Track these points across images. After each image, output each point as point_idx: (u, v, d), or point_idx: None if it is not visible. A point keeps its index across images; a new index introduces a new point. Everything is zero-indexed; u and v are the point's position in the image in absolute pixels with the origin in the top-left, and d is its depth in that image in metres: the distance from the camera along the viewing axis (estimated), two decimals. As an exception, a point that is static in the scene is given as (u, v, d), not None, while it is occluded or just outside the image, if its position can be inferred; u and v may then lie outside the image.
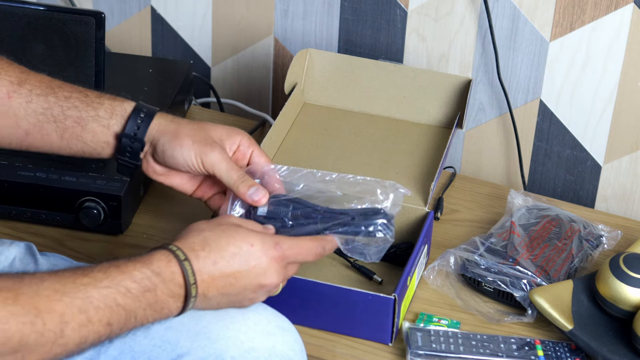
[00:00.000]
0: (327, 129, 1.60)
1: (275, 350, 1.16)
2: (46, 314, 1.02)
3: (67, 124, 1.26)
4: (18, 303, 1.01)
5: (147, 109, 1.27)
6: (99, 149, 1.28)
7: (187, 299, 1.10)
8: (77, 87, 1.28)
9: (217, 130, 1.27)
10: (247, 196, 1.23)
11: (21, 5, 1.56)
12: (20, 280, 1.03)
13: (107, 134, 1.27)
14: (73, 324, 1.04)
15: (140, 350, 1.14)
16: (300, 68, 1.62)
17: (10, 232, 1.49)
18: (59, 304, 1.03)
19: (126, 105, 1.27)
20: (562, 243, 1.48)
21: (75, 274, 1.06)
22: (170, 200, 1.57)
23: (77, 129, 1.26)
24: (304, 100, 1.65)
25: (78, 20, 1.54)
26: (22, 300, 1.01)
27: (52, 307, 1.03)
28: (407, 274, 1.34)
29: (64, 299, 1.04)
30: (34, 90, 1.26)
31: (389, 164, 1.53)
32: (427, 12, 1.68)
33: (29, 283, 1.03)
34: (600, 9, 1.57)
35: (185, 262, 1.10)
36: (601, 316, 1.37)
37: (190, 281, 1.10)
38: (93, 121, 1.26)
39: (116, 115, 1.27)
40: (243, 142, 1.28)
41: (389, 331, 1.33)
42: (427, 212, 1.45)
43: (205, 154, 1.25)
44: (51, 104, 1.26)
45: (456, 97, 1.60)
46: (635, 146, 1.64)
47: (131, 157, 1.27)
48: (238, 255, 1.13)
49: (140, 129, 1.26)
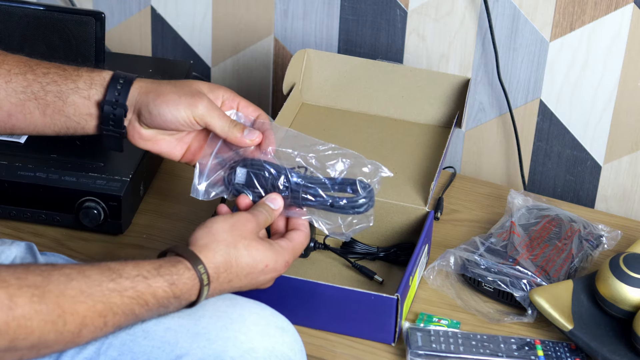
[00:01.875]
0: (325, 129, 1.60)
1: (275, 350, 1.16)
2: (69, 315, 1.04)
3: (48, 100, 1.25)
4: (44, 301, 1.03)
5: (125, 75, 1.26)
6: (82, 122, 1.27)
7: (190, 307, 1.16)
8: (55, 63, 1.27)
9: (199, 85, 1.27)
10: (243, 138, 1.25)
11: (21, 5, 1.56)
12: (48, 276, 1.05)
13: (89, 105, 1.26)
14: (91, 327, 1.07)
15: (140, 351, 1.15)
16: (299, 68, 1.62)
17: (10, 232, 1.49)
18: (82, 306, 1.05)
19: (104, 74, 1.27)
20: (562, 243, 1.48)
21: (102, 276, 1.08)
22: (170, 200, 1.57)
23: (59, 104, 1.25)
24: (302, 101, 1.65)
25: (78, 20, 1.54)
26: (47, 299, 1.03)
27: (75, 309, 1.05)
28: (409, 273, 1.34)
29: (88, 301, 1.06)
30: (12, 70, 1.25)
31: (388, 164, 1.52)
32: (427, 12, 1.68)
33: (57, 281, 1.05)
34: (600, 9, 1.57)
35: (206, 287, 1.14)
36: (601, 316, 1.37)
37: (201, 300, 1.15)
38: (73, 93, 1.25)
39: (95, 84, 1.26)
40: (226, 96, 1.28)
41: (392, 331, 1.33)
42: (427, 212, 1.45)
43: (194, 106, 1.24)
44: (30, 82, 1.25)
45: (455, 97, 1.59)
46: (635, 146, 1.64)
47: (115, 125, 1.26)
48: (251, 275, 1.18)
49: (121, 94, 1.25)
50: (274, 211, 1.24)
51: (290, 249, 1.22)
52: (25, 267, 1.05)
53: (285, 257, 1.20)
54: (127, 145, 1.55)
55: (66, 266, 1.08)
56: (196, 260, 1.14)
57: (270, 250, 1.19)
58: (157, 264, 1.12)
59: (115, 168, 1.49)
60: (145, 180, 1.56)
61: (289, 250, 1.21)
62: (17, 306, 1.01)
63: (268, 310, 1.21)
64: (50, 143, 1.52)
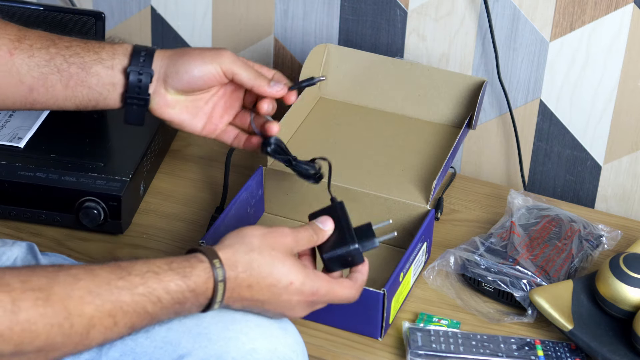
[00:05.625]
0: (340, 124, 1.61)
1: (277, 351, 1.16)
2: (76, 317, 1.03)
3: (71, 71, 1.26)
4: (49, 304, 1.01)
5: (146, 47, 1.28)
6: (105, 93, 1.27)
7: (208, 308, 1.12)
8: (76, 38, 1.28)
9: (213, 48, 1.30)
10: (269, 88, 1.28)
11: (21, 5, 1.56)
12: (54, 278, 1.03)
13: (112, 74, 1.26)
14: (100, 327, 1.04)
15: (142, 352, 1.14)
16: (318, 63, 1.63)
17: (10, 232, 1.49)
18: (89, 306, 1.03)
19: (126, 46, 1.28)
20: (562, 243, 1.48)
21: (112, 274, 1.06)
22: (170, 200, 1.57)
23: (82, 75, 1.26)
24: (321, 95, 1.66)
25: (78, 20, 1.54)
26: (53, 301, 1.02)
27: (82, 310, 1.03)
28: (399, 269, 1.34)
29: (96, 301, 1.04)
30: (34, 45, 1.26)
31: (395, 161, 1.53)
32: (427, 12, 1.68)
33: (63, 282, 1.03)
34: (600, 9, 1.57)
35: (221, 282, 1.11)
36: (601, 316, 1.37)
37: (217, 299, 1.11)
38: (96, 64, 1.26)
39: (118, 54, 1.27)
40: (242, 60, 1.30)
41: (379, 326, 1.34)
42: (428, 210, 1.45)
43: (220, 57, 1.26)
44: (53, 55, 1.26)
45: (470, 98, 1.60)
46: (635, 146, 1.64)
47: (140, 91, 1.26)
48: (274, 287, 1.14)
49: (146, 61, 1.27)
50: (322, 232, 1.20)
51: (326, 281, 1.17)
52: (30, 270, 1.04)
53: (316, 284, 1.15)
54: (127, 145, 1.55)
55: (74, 267, 1.06)
56: (212, 254, 1.11)
57: (300, 271, 1.15)
58: (169, 260, 1.10)
59: (115, 168, 1.49)
60: (145, 180, 1.56)
61: (324, 282, 1.17)
62: (20, 310, 0.99)
63: (270, 311, 1.21)
64: (51, 143, 1.53)
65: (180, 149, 1.68)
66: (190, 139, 1.70)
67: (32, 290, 1.01)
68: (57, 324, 1.02)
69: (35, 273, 1.03)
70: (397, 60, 1.63)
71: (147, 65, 1.26)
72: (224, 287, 1.11)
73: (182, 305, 1.10)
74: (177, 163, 1.65)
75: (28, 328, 1.00)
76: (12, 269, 1.04)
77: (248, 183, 1.47)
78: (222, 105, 1.32)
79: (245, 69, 1.28)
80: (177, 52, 1.28)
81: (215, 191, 1.60)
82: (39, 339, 1.01)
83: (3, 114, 1.57)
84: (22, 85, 1.26)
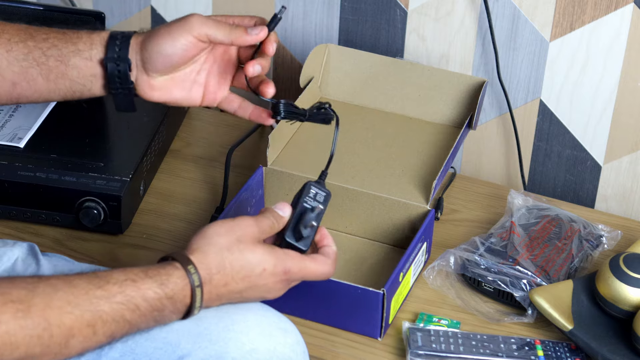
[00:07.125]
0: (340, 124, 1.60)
1: (277, 352, 1.16)
2: (55, 327, 1.03)
3: (50, 65, 1.24)
4: (29, 316, 1.01)
5: (122, 32, 1.25)
6: (88, 84, 1.25)
7: (188, 314, 1.13)
8: (55, 29, 1.26)
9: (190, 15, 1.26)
10: (247, 36, 1.23)
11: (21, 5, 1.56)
12: (33, 289, 1.03)
13: (91, 66, 1.24)
14: (79, 337, 1.05)
15: (141, 352, 1.14)
16: (318, 63, 1.63)
17: (10, 232, 1.49)
18: (69, 317, 1.04)
19: (103, 34, 1.25)
20: (562, 243, 1.48)
21: (90, 284, 1.07)
22: (170, 200, 1.57)
23: (61, 68, 1.24)
24: (321, 95, 1.66)
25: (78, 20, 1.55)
26: (33, 313, 1.02)
27: (62, 321, 1.03)
28: (399, 269, 1.34)
29: (75, 311, 1.04)
30: (12, 39, 1.24)
31: (395, 161, 1.53)
32: (427, 12, 1.68)
33: (42, 293, 1.03)
34: (600, 9, 1.57)
35: (198, 288, 1.12)
36: (601, 316, 1.37)
37: (196, 304, 1.12)
38: (74, 56, 1.24)
39: (95, 44, 1.24)
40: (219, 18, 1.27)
41: (378, 326, 1.34)
42: (428, 210, 1.45)
43: (188, 24, 1.22)
44: (30, 48, 1.24)
45: (471, 98, 1.60)
46: (635, 146, 1.64)
47: (122, 81, 1.24)
48: (248, 278, 1.15)
49: (122, 49, 1.24)
50: (282, 218, 1.20)
51: (297, 258, 1.18)
52: (10, 281, 1.04)
53: (287, 263, 1.17)
54: (127, 145, 1.55)
55: (53, 277, 1.06)
56: (186, 261, 1.12)
57: (269, 254, 1.16)
58: (145, 268, 1.11)
59: (115, 168, 1.49)
60: (145, 180, 1.56)
61: (295, 259, 1.18)
62: (0, 323, 1.00)
63: (270, 311, 1.21)
64: (51, 143, 1.53)
65: (180, 149, 1.68)
66: (190, 139, 1.70)
67: (13, 302, 1.01)
68: (37, 335, 1.01)
69: (15, 285, 1.03)
70: (397, 60, 1.63)
71: (123, 53, 1.24)
72: (201, 292, 1.12)
73: (160, 313, 1.11)
74: (177, 163, 1.65)
75: (8, 340, 1.00)
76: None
77: (248, 183, 1.47)
78: (216, 70, 1.29)
79: (217, 27, 1.23)
80: (148, 35, 1.25)
81: (215, 191, 1.60)
82: (18, 351, 1.01)
83: (3, 114, 1.57)
84: (4, 81, 1.25)
